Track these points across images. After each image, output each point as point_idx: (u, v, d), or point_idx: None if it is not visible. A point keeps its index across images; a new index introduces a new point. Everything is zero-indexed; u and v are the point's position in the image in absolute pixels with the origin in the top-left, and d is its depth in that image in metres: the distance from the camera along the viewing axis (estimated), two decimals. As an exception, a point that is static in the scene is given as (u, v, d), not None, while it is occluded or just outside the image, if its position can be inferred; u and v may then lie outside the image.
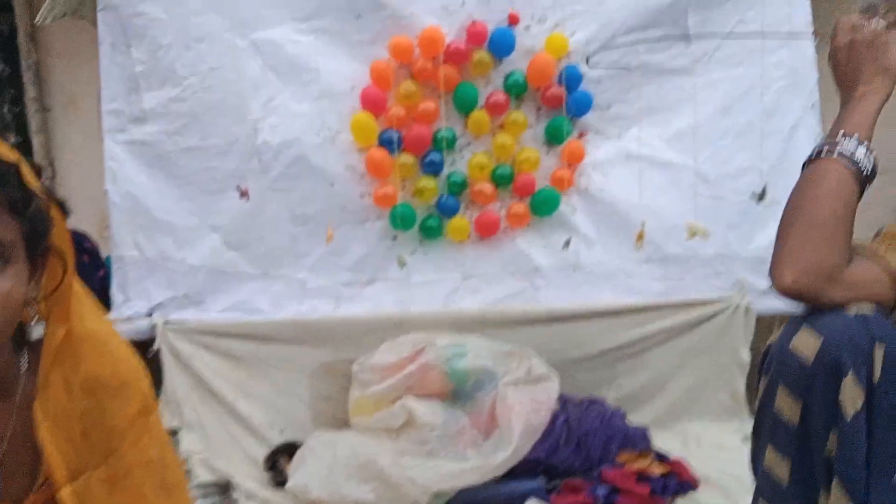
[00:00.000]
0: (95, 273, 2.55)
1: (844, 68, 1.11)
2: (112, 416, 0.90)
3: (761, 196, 2.45)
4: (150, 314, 2.36)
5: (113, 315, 2.35)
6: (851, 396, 0.92)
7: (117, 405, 0.91)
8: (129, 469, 0.93)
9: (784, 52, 2.46)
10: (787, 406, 0.98)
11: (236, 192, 2.37)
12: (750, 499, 1.11)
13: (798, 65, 2.47)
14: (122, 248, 2.38)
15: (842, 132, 1.04)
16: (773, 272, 1.02)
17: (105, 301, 2.37)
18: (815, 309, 1.01)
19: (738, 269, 2.44)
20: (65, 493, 0.87)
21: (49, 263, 0.87)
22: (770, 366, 1.02)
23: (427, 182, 2.38)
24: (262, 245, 2.40)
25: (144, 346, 2.33)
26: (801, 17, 2.46)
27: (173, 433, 2.19)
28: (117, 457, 0.92)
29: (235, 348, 2.33)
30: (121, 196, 2.37)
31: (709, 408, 2.35)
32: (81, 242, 2.54)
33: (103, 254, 2.74)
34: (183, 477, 1.11)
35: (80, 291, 0.90)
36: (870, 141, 1.05)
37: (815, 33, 2.43)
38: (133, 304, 2.38)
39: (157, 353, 2.30)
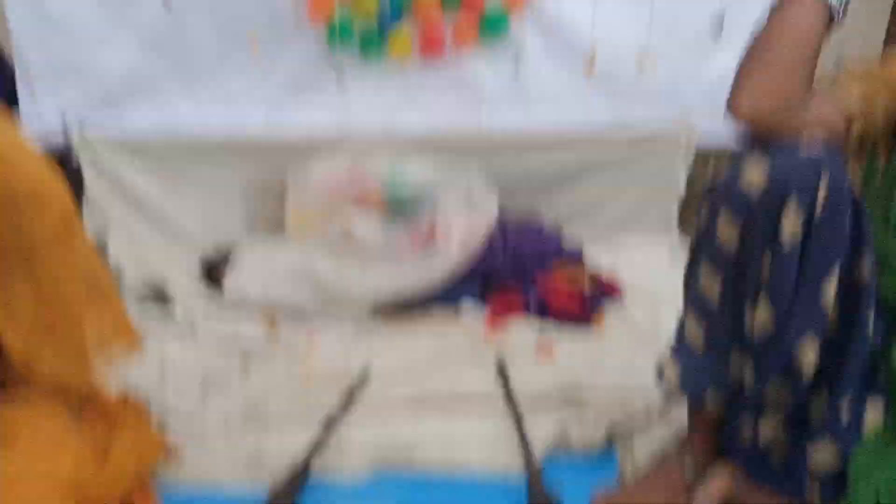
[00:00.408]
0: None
1: None
2: (29, 228, 0.87)
3: (720, 26, 2.38)
4: (64, 126, 2.21)
5: (25, 128, 2.18)
6: (792, 224, 0.95)
7: (32, 217, 0.87)
8: (56, 280, 0.92)
9: None
10: (727, 228, 1.01)
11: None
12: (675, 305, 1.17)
13: None
14: (28, 53, 2.17)
15: None
16: (732, 97, 1.03)
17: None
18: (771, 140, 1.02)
19: (686, 97, 2.40)
20: None
21: None
22: (715, 188, 1.04)
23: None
24: (186, 53, 2.24)
25: (62, 161, 2.20)
26: None
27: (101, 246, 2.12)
28: (44, 269, 0.90)
29: (160, 165, 2.23)
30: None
31: (641, 228, 2.41)
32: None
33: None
34: (113, 284, 1.10)
35: None
36: None
37: None
38: (44, 118, 2.21)
39: (77, 168, 2.18)
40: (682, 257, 1.17)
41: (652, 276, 2.07)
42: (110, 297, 1.08)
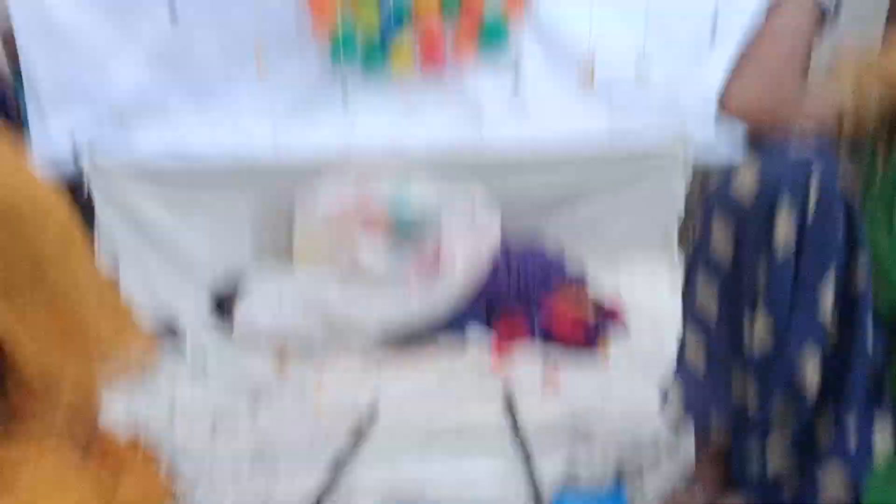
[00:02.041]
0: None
1: None
2: (32, 243, 0.87)
3: (714, 34, 2.36)
4: (74, 150, 2.22)
5: (34, 151, 2.20)
6: (785, 232, 0.95)
7: (34, 231, 0.88)
8: (64, 292, 0.92)
9: None
10: (721, 240, 1.00)
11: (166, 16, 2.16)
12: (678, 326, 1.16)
13: None
14: (36, 72, 2.19)
15: None
16: (723, 92, 1.04)
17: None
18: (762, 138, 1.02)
19: (685, 108, 2.39)
20: (3, 316, 0.86)
21: None
22: (708, 198, 1.04)
23: (370, 9, 2.20)
24: (193, 74, 2.25)
25: (73, 189, 2.20)
26: None
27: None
28: (49, 282, 0.90)
29: (170, 191, 2.24)
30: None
31: (641, 246, 2.39)
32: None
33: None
34: (124, 299, 1.10)
35: None
36: None
37: None
38: (54, 138, 2.22)
39: (89, 196, 2.19)
40: (682, 276, 1.16)
41: (654, 297, 2.07)
42: (125, 309, 1.08)
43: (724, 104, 1.03)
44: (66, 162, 2.21)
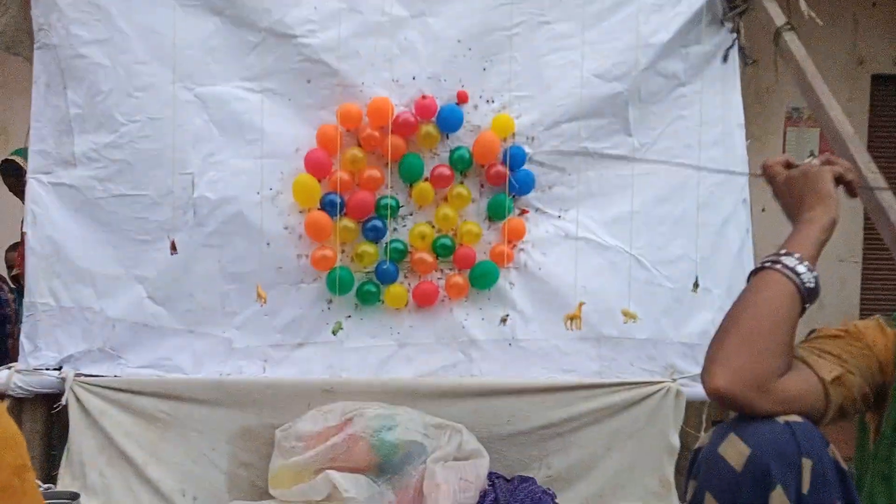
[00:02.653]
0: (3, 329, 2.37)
1: (788, 200, 1.16)
2: None
3: (695, 286, 2.51)
4: (59, 367, 2.22)
5: (19, 364, 2.21)
6: None
7: None
8: None
9: (718, 149, 2.58)
10: None
11: (167, 245, 2.28)
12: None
13: (731, 162, 2.59)
14: (36, 294, 2.26)
15: (784, 249, 1.08)
16: (705, 375, 1.01)
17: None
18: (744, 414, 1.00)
19: (670, 353, 2.48)
20: None
21: None
22: (699, 470, 1.01)
23: (367, 247, 2.35)
24: (189, 301, 2.31)
25: (51, 400, 2.19)
26: (734, 116, 2.61)
27: (73, 497, 2.02)
28: None
29: (151, 407, 2.19)
30: (40, 241, 2.26)
31: (637, 491, 2.32)
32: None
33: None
34: None
35: None
36: (813, 261, 1.07)
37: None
38: (42, 355, 2.24)
39: (63, 409, 2.15)
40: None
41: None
42: None
43: (707, 387, 1.00)
44: (49, 375, 2.21)
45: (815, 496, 0.93)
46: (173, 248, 2.24)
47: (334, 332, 2.32)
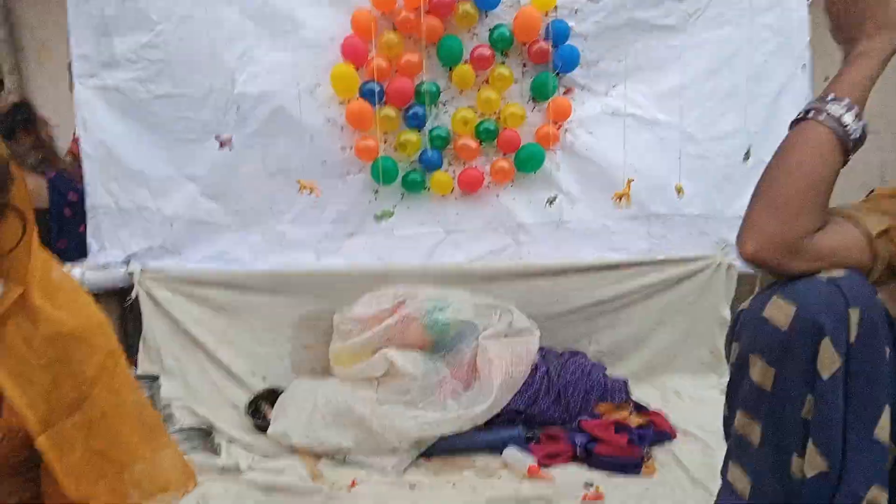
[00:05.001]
0: (76, 227, 2.46)
1: (842, 21, 1.01)
2: (80, 364, 0.92)
3: (746, 156, 2.43)
4: (126, 263, 2.33)
5: (89, 262, 2.31)
6: (829, 359, 0.91)
7: (83, 354, 0.93)
8: (103, 413, 0.95)
9: (774, 12, 2.43)
10: (760, 373, 0.96)
11: (215, 143, 2.31)
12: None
13: (787, 26, 2.44)
14: (96, 197, 2.34)
15: (832, 94, 0.97)
16: (738, 242, 0.98)
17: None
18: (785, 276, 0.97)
19: (722, 228, 2.44)
20: (41, 441, 0.89)
21: (8, 220, 0.85)
22: (741, 333, 1.00)
23: (410, 136, 2.33)
24: (240, 197, 2.36)
25: (122, 295, 2.31)
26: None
27: (153, 379, 2.17)
28: (90, 402, 0.94)
29: (215, 297, 2.30)
30: (92, 144, 2.31)
31: (688, 363, 2.35)
32: (65, 194, 2.45)
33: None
34: (160, 418, 1.13)
35: (37, 248, 0.90)
36: (863, 104, 0.97)
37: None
38: (109, 253, 2.34)
39: (136, 301, 2.27)
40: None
41: (700, 415, 2.00)
42: (160, 428, 1.10)
43: (741, 252, 0.97)
44: (118, 272, 2.32)
45: (863, 344, 0.90)
46: (223, 144, 2.27)
47: (380, 218, 2.35)
